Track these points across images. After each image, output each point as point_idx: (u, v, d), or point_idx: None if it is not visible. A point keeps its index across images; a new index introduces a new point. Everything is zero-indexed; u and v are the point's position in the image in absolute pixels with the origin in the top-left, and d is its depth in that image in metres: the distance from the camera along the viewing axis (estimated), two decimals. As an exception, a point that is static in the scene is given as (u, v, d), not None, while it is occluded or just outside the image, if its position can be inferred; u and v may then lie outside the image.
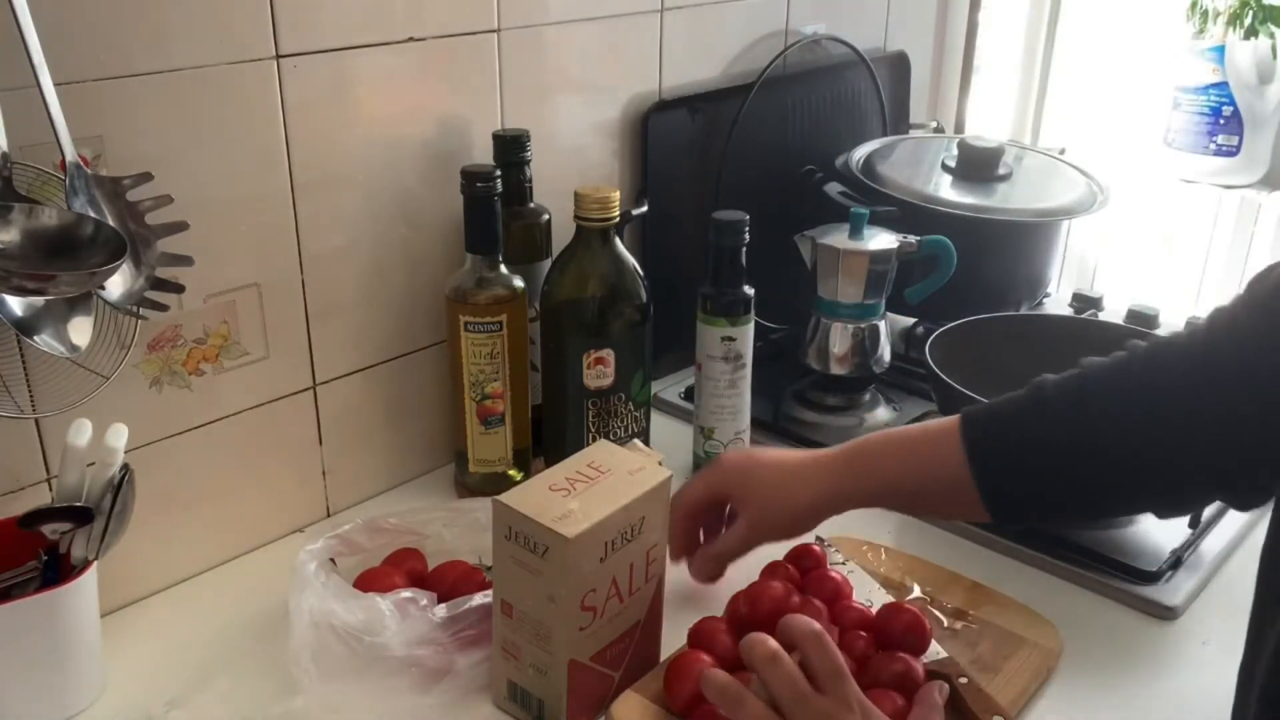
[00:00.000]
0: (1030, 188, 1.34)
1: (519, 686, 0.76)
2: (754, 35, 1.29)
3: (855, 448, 0.83)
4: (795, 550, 0.89)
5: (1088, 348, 1.11)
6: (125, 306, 0.76)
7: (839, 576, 0.85)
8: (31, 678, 0.75)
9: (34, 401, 0.77)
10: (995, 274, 1.30)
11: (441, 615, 0.77)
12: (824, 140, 1.38)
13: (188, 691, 0.79)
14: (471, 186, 0.93)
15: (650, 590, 0.78)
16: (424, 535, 0.90)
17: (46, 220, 0.71)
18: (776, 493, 0.83)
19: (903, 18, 1.53)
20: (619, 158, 1.18)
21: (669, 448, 1.04)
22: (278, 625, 0.81)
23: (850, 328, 1.16)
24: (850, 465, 0.82)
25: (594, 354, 0.98)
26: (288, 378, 0.94)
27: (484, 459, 1.00)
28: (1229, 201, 1.78)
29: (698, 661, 0.75)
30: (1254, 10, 1.75)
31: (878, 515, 1.02)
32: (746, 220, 1.00)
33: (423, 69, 0.97)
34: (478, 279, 0.96)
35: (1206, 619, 0.88)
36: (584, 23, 1.09)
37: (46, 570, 0.77)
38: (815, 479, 0.83)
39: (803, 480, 0.83)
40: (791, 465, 0.84)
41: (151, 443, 0.86)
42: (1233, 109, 1.79)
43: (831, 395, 1.20)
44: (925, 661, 0.78)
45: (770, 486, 0.84)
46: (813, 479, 0.83)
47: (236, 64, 0.83)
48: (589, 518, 0.70)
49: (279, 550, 0.96)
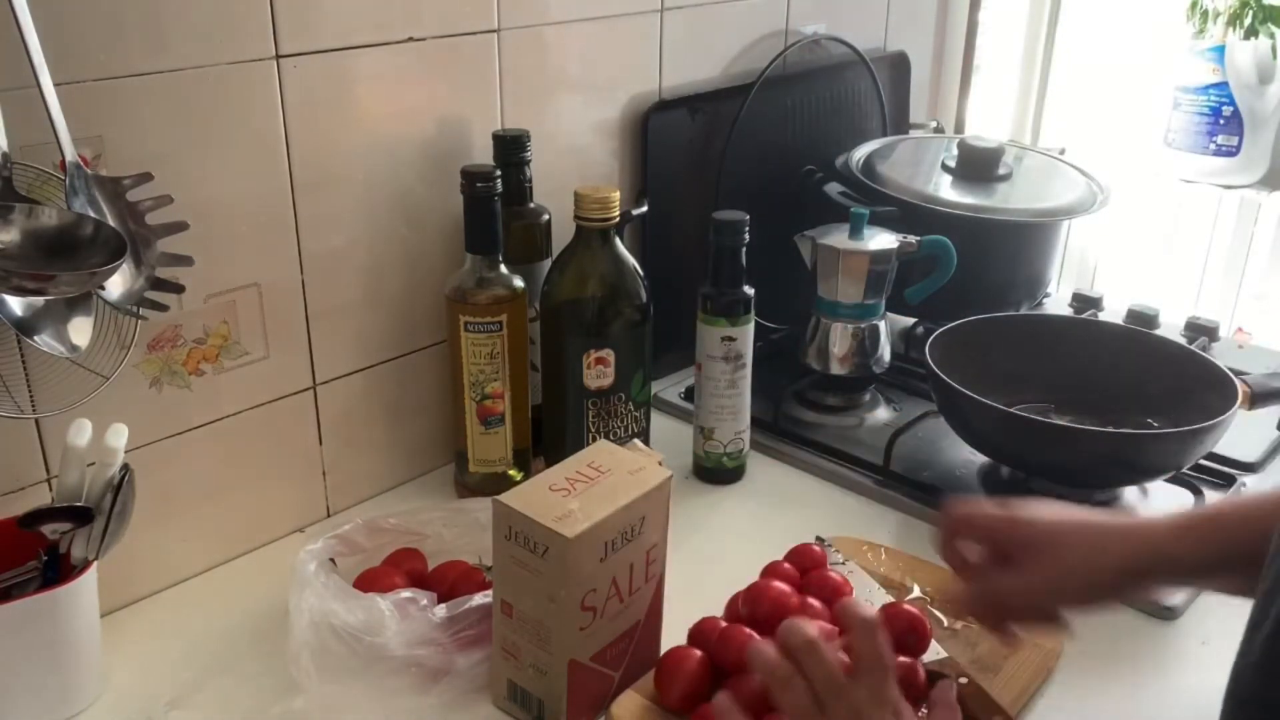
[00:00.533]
0: (1030, 188, 1.34)
1: (519, 686, 0.76)
2: (754, 35, 1.29)
3: (1194, 512, 0.73)
4: (795, 550, 0.89)
5: (1088, 348, 1.12)
6: (125, 306, 0.76)
7: (839, 577, 0.85)
8: (31, 678, 0.75)
9: (34, 401, 0.77)
10: (995, 274, 1.30)
11: (441, 615, 0.77)
12: (824, 140, 1.38)
13: (188, 691, 0.79)
14: (471, 186, 0.93)
15: (650, 590, 0.78)
16: (424, 535, 0.90)
17: (46, 220, 0.71)
18: (1080, 552, 0.69)
19: (903, 18, 1.53)
20: (619, 158, 1.18)
21: (669, 448, 1.04)
22: (278, 625, 0.81)
23: (850, 328, 1.16)
24: (1190, 528, 0.68)
25: (594, 354, 0.98)
26: (288, 378, 0.95)
27: (484, 459, 1.00)
28: (1229, 201, 1.79)
29: (688, 657, 0.75)
30: (1254, 10, 1.75)
31: (878, 515, 1.02)
32: (746, 220, 1.00)
33: (423, 69, 0.97)
34: (478, 279, 0.96)
35: (1206, 619, 0.88)
36: (584, 23, 1.09)
37: (46, 570, 0.77)
38: (1131, 538, 0.69)
39: (1117, 537, 0.70)
40: (1099, 524, 0.71)
41: (151, 443, 0.86)
42: (1233, 109, 1.80)
43: (831, 395, 1.20)
44: (925, 661, 0.78)
45: (1075, 545, 0.70)
46: (1130, 537, 0.69)
47: (236, 64, 0.83)
48: (589, 518, 0.70)
49: (279, 550, 0.96)
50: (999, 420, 0.97)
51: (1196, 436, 0.93)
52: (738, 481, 1.08)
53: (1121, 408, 1.06)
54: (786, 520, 0.95)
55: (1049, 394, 1.10)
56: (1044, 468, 1.01)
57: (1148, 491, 1.04)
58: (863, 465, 1.08)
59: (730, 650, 0.75)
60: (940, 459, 1.09)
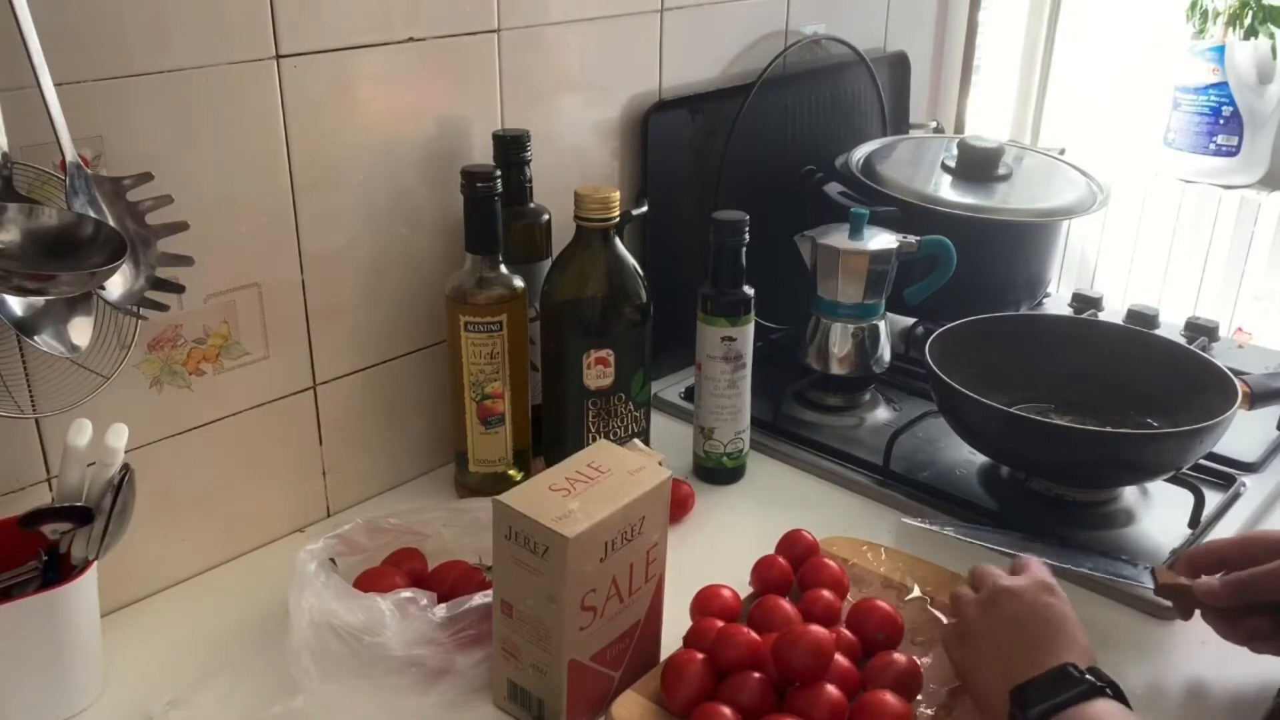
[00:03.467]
0: (1030, 188, 1.34)
1: (519, 686, 0.76)
2: (754, 35, 1.29)
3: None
4: (785, 540, 0.90)
5: (1088, 348, 1.12)
6: (125, 306, 0.76)
7: (835, 566, 0.86)
8: (31, 678, 0.75)
9: (34, 401, 0.77)
10: (995, 274, 1.30)
11: (441, 615, 0.77)
12: (824, 140, 1.38)
13: (188, 691, 0.79)
14: (471, 186, 0.93)
15: (650, 590, 0.78)
16: (424, 535, 0.90)
17: (46, 220, 0.71)
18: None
19: (903, 18, 1.53)
20: (619, 158, 1.18)
21: (669, 448, 1.04)
22: (278, 625, 0.81)
23: (850, 328, 1.16)
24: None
25: (594, 354, 0.98)
26: (288, 378, 0.94)
27: (484, 459, 1.00)
28: (1229, 201, 1.79)
29: (692, 661, 0.75)
30: (1254, 10, 1.75)
31: (877, 515, 1.02)
32: (746, 220, 1.00)
33: (423, 69, 0.97)
34: (478, 279, 0.96)
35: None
36: (584, 23, 1.09)
37: (46, 570, 0.77)
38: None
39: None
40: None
41: (151, 443, 0.86)
42: (1232, 109, 1.80)
43: (831, 395, 1.20)
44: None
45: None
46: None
47: (236, 64, 0.83)
48: (589, 518, 0.70)
49: (279, 550, 0.96)
50: (999, 420, 0.97)
51: (1196, 436, 0.93)
52: (738, 481, 1.08)
53: (1121, 408, 1.06)
54: (786, 520, 0.94)
55: (1049, 394, 1.10)
56: (1044, 468, 1.01)
57: (1148, 491, 1.04)
58: (863, 465, 1.08)
59: (730, 651, 0.75)
60: (940, 459, 1.09)
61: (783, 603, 0.82)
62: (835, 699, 0.72)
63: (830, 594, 0.83)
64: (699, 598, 0.84)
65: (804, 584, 0.86)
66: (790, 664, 0.73)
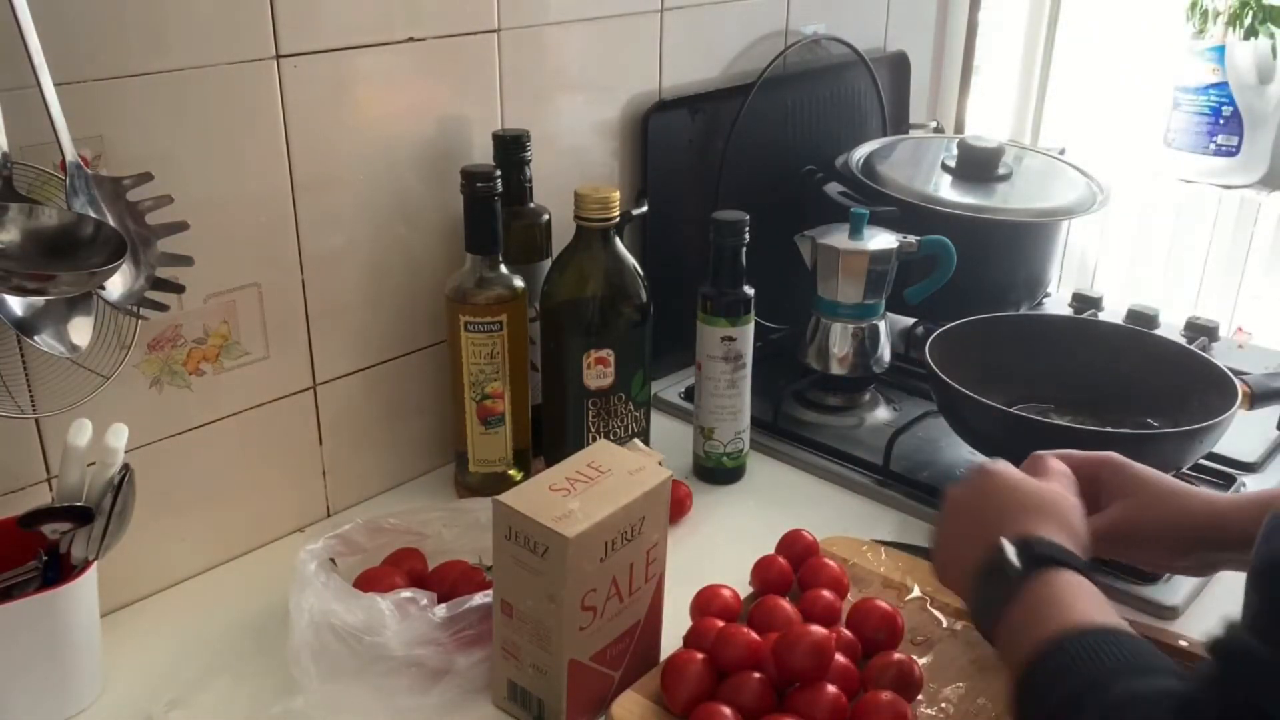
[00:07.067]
0: (1030, 188, 1.34)
1: (519, 686, 0.76)
2: (754, 35, 1.29)
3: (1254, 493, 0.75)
4: (785, 539, 0.90)
5: (1088, 348, 1.12)
6: (125, 306, 0.76)
7: (835, 565, 0.86)
8: (31, 678, 0.75)
9: (34, 401, 0.77)
10: (995, 274, 1.30)
11: (441, 615, 0.77)
12: (824, 140, 1.38)
13: (188, 691, 0.79)
14: (471, 186, 0.93)
15: (650, 590, 0.78)
16: (424, 535, 0.90)
17: (46, 220, 0.71)
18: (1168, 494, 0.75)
19: (903, 18, 1.53)
20: (619, 158, 1.18)
21: (669, 448, 1.04)
22: (278, 625, 0.81)
23: (850, 328, 1.16)
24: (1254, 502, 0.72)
25: (594, 354, 0.98)
26: (288, 378, 0.94)
27: (484, 459, 1.00)
28: (1229, 201, 1.79)
29: (693, 662, 0.75)
30: (1254, 10, 1.75)
31: (877, 515, 1.02)
32: (746, 220, 1.00)
33: (423, 69, 0.97)
34: (478, 279, 0.96)
35: (1206, 619, 0.88)
36: (584, 23, 1.09)
37: (46, 570, 0.77)
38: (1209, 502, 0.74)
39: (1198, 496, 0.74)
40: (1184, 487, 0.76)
41: (151, 443, 0.86)
42: (1232, 109, 1.80)
43: (831, 395, 1.20)
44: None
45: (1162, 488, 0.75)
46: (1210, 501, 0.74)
47: (236, 64, 0.83)
48: (589, 518, 0.70)
49: (279, 550, 0.96)
50: (999, 420, 0.97)
51: (1196, 436, 0.93)
52: (738, 481, 1.08)
53: (1121, 408, 1.06)
54: (786, 520, 0.94)
55: (1049, 394, 1.10)
56: (1044, 468, 1.01)
57: (1148, 491, 1.04)
58: (863, 465, 1.08)
59: (730, 651, 0.75)
60: (940, 459, 1.09)
61: (783, 603, 0.82)
62: (835, 699, 0.72)
63: (830, 594, 0.83)
64: (699, 598, 0.84)
65: (804, 584, 0.86)
66: (790, 664, 0.73)
